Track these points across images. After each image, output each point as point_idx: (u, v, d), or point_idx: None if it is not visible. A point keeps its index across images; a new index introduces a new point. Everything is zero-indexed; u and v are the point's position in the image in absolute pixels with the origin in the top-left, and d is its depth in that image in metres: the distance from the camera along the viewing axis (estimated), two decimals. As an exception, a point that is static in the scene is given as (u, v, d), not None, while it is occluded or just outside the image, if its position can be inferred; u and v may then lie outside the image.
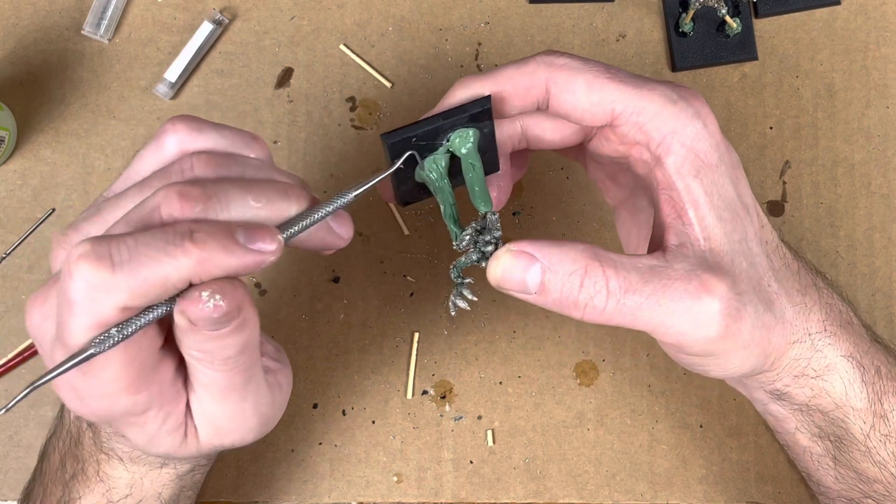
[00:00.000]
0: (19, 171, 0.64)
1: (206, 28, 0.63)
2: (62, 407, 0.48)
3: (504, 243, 0.40)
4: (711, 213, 0.40)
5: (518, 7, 0.65)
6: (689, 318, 0.39)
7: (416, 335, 0.63)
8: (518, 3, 0.65)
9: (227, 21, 0.65)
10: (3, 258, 0.62)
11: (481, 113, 0.41)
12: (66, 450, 0.47)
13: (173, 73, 0.63)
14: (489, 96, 0.42)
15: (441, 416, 0.63)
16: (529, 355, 0.63)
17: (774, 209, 0.64)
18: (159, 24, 0.65)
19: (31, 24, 0.65)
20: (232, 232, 0.35)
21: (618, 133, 0.42)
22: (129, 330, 0.34)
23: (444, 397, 0.63)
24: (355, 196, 0.39)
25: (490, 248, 0.42)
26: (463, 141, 0.42)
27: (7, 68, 0.64)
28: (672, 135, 0.40)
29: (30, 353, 0.62)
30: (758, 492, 0.62)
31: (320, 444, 0.62)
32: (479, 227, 0.42)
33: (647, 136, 0.41)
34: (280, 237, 0.36)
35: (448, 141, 0.42)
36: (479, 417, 0.63)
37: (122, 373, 0.35)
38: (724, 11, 0.61)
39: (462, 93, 0.42)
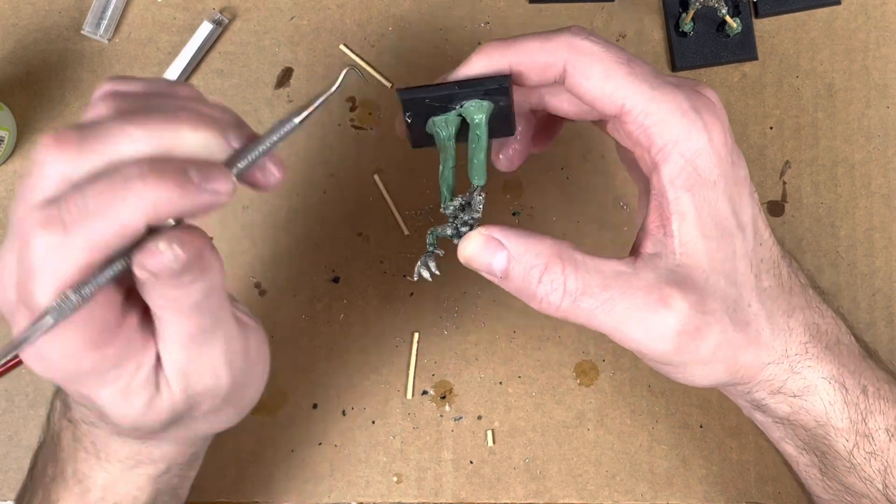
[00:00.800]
0: (19, 171, 0.64)
1: (205, 28, 0.63)
2: (48, 418, 0.48)
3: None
4: (696, 230, 0.40)
5: (518, 7, 0.65)
6: (644, 330, 0.39)
7: (416, 335, 0.63)
8: (518, 3, 0.65)
9: (227, 21, 0.64)
10: (3, 258, 0.62)
11: (499, 90, 0.42)
12: (48, 455, 0.46)
13: (173, 73, 0.63)
14: (509, 76, 0.42)
15: (441, 416, 0.63)
16: (529, 355, 0.63)
17: (774, 209, 0.64)
18: (159, 24, 0.65)
19: (31, 24, 0.65)
20: (185, 170, 0.34)
21: (625, 129, 0.41)
22: (88, 291, 0.33)
23: (444, 397, 0.63)
24: (301, 122, 0.38)
25: (465, 228, 0.43)
26: (476, 110, 0.42)
27: (7, 68, 0.64)
28: (673, 144, 0.40)
29: (30, 353, 0.62)
30: (758, 492, 0.62)
31: (320, 444, 0.62)
32: (464, 203, 0.43)
33: (650, 140, 0.40)
34: (233, 177, 0.35)
35: (462, 107, 0.42)
36: (479, 417, 0.63)
37: (82, 332, 0.35)
38: (724, 11, 0.61)
39: (481, 61, 0.42)
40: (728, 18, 0.62)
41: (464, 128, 0.43)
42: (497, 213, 0.64)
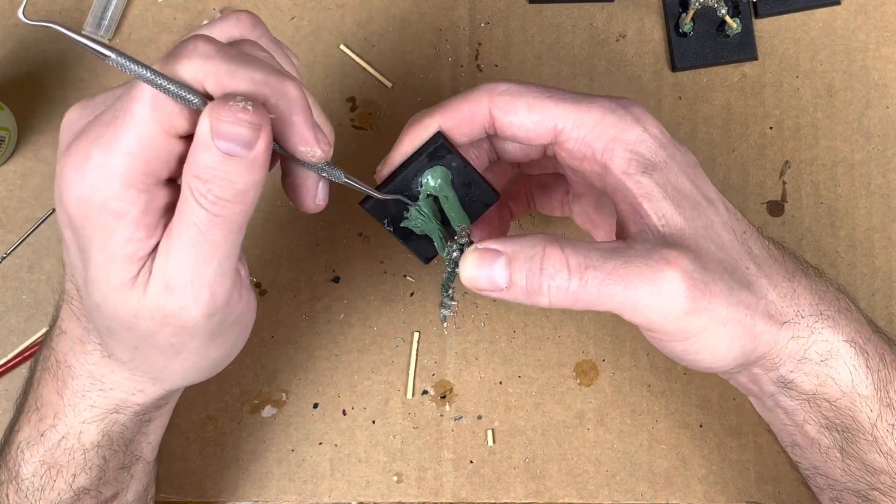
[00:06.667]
0: (19, 171, 0.64)
1: (206, 28, 0.63)
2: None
3: None
4: (667, 204, 0.41)
5: (518, 7, 0.65)
6: (654, 293, 0.40)
7: (416, 335, 0.63)
8: (518, 3, 0.65)
9: (227, 21, 0.65)
10: (4, 258, 0.62)
11: (437, 149, 0.44)
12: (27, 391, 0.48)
13: (173, 73, 0.63)
14: (439, 133, 0.44)
15: (441, 416, 0.63)
16: (529, 355, 0.63)
17: (774, 209, 0.64)
18: (159, 25, 0.65)
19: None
20: (310, 111, 0.38)
21: (565, 150, 0.43)
22: (168, 85, 0.36)
23: (444, 397, 0.63)
24: (342, 181, 0.43)
25: (456, 254, 0.44)
26: (433, 178, 0.45)
27: (7, 68, 0.64)
28: (613, 141, 0.42)
29: (30, 352, 0.62)
30: (758, 492, 0.62)
31: (320, 444, 0.62)
32: (457, 243, 0.45)
33: (591, 148, 0.42)
34: (328, 149, 0.39)
35: (422, 186, 0.45)
36: (479, 417, 0.63)
37: (129, 154, 0.36)
38: (724, 11, 0.61)
39: (412, 132, 0.45)
40: (728, 18, 0.62)
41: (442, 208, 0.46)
42: (497, 213, 0.64)
